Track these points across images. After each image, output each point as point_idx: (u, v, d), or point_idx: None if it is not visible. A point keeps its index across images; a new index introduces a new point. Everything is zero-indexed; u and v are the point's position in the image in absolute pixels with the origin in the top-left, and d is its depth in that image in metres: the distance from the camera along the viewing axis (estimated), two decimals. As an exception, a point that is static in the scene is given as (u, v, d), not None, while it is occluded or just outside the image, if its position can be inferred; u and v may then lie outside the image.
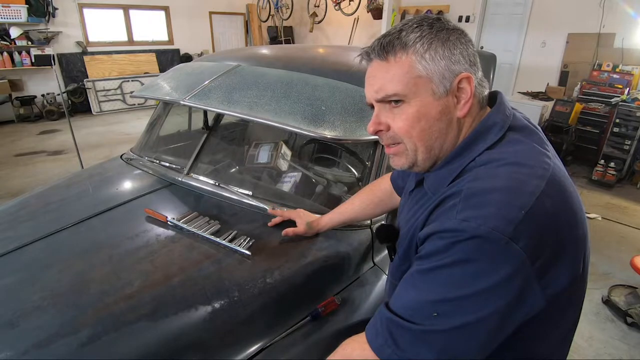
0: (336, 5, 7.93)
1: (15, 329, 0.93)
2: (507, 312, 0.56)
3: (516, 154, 0.61)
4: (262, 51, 2.10)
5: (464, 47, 0.64)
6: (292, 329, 1.04)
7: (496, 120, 0.65)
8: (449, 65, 0.63)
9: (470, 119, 0.67)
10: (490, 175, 0.59)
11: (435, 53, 0.62)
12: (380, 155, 1.40)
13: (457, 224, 0.55)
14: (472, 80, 0.63)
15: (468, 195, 0.58)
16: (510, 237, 0.53)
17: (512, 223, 0.53)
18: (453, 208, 0.58)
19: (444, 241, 0.57)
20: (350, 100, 1.42)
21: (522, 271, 0.54)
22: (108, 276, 1.09)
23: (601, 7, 4.85)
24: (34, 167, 4.75)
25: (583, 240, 0.61)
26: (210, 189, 1.50)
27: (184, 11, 8.62)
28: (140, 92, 1.92)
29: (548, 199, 0.55)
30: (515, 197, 0.55)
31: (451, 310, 0.56)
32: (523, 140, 0.64)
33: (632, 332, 2.30)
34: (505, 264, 0.53)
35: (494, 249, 0.53)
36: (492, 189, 0.57)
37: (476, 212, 0.55)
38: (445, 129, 0.66)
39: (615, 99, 4.54)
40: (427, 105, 0.64)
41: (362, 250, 1.29)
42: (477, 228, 0.53)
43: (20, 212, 1.47)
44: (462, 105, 0.65)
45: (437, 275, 0.58)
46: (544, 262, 0.55)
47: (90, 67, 7.54)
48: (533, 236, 0.54)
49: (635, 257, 2.39)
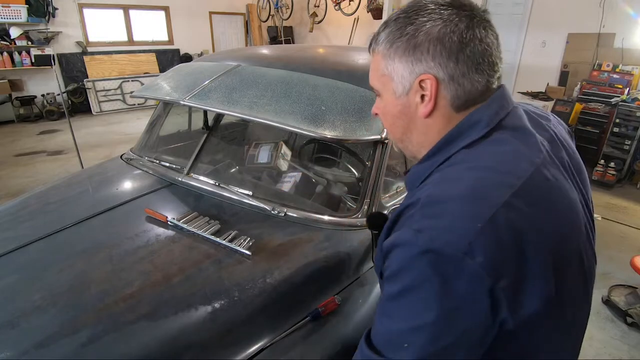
0: (336, 5, 7.93)
1: (15, 329, 0.93)
2: (475, 334, 0.51)
3: (492, 157, 0.56)
4: (262, 51, 2.10)
5: (438, 41, 0.57)
6: (292, 329, 1.04)
7: (482, 117, 0.59)
8: (409, 64, 0.59)
9: (440, 118, 0.61)
10: (454, 179, 0.56)
11: (395, 52, 0.60)
12: (380, 155, 1.40)
13: (412, 236, 0.51)
14: (432, 81, 0.58)
15: (425, 203, 0.54)
16: (464, 252, 0.48)
17: (467, 237, 0.48)
18: (411, 217, 0.54)
19: (400, 258, 0.53)
20: (350, 100, 1.42)
21: (482, 290, 0.48)
22: (108, 276, 1.09)
23: (601, 7, 4.85)
24: (34, 167, 4.75)
25: (565, 259, 0.55)
26: (210, 189, 1.50)
27: (184, 11, 8.61)
28: (140, 92, 1.92)
29: (513, 212, 0.50)
30: (473, 207, 0.50)
31: (418, 339, 0.51)
32: (508, 141, 0.58)
33: (632, 332, 2.30)
34: (462, 282, 0.48)
35: (450, 266, 0.48)
36: (449, 197, 0.53)
37: (431, 223, 0.51)
38: (407, 126, 0.64)
39: (615, 99, 4.53)
40: (390, 103, 0.64)
41: (362, 250, 1.29)
42: (430, 242, 0.49)
43: (20, 212, 1.47)
44: (423, 106, 0.60)
45: (398, 301, 0.53)
46: (510, 281, 0.49)
47: (90, 67, 7.53)
48: (492, 252, 0.48)
49: (635, 257, 2.39)
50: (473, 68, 0.57)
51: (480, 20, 0.58)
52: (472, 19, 0.57)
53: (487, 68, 0.58)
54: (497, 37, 0.60)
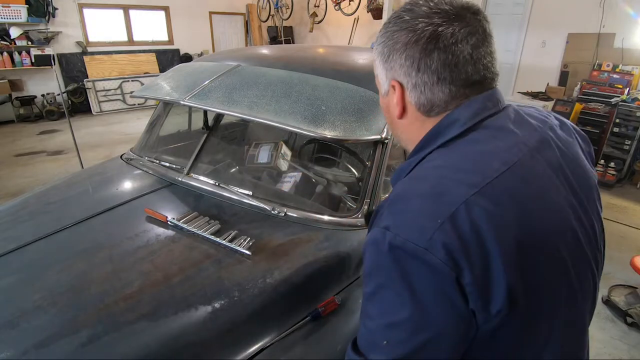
0: (336, 5, 7.92)
1: (15, 329, 0.93)
2: (452, 328, 0.52)
3: (462, 156, 0.58)
4: (262, 51, 2.10)
5: (403, 51, 0.60)
6: (292, 329, 1.04)
7: (459, 116, 0.60)
8: (385, 69, 0.64)
9: (413, 120, 0.65)
10: (419, 178, 0.58)
11: (378, 56, 0.65)
12: (380, 155, 1.40)
13: (379, 233, 0.53)
14: (397, 87, 0.63)
15: (392, 200, 0.56)
16: (425, 247, 0.49)
17: (427, 233, 0.49)
18: (381, 215, 0.56)
19: (371, 256, 0.55)
20: (350, 100, 1.42)
21: (448, 283, 0.49)
22: (108, 276, 1.09)
23: (601, 7, 4.85)
24: (34, 167, 4.75)
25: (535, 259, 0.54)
26: (210, 189, 1.50)
27: (184, 11, 8.61)
28: (140, 92, 1.92)
29: (475, 210, 0.50)
30: (434, 204, 0.52)
31: (395, 335, 0.52)
32: (485, 140, 0.59)
33: (632, 332, 2.30)
34: (427, 276, 0.50)
35: (414, 262, 0.50)
36: (413, 195, 0.55)
37: (395, 220, 0.53)
38: (391, 123, 0.70)
39: (615, 99, 4.53)
40: (380, 100, 0.71)
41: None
42: (394, 238, 0.51)
43: (20, 212, 1.47)
44: (395, 107, 0.65)
45: (373, 300, 0.55)
46: (474, 276, 0.49)
47: (90, 67, 7.53)
48: (452, 247, 0.49)
49: (635, 257, 2.39)
50: (435, 78, 0.59)
51: (457, 27, 0.57)
52: (441, 26, 0.57)
53: (452, 79, 0.58)
54: (478, 46, 0.58)
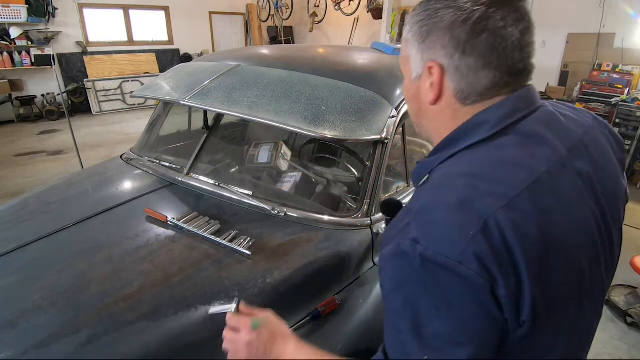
0: (336, 5, 7.93)
1: (15, 329, 0.93)
2: (487, 337, 0.51)
3: (490, 164, 0.55)
4: (262, 51, 2.10)
5: (447, 31, 0.56)
6: (292, 329, 1.04)
7: (489, 118, 0.57)
8: (421, 50, 0.60)
9: (445, 109, 0.61)
10: (447, 187, 0.55)
11: (413, 36, 0.62)
12: (380, 155, 1.40)
13: (408, 246, 0.51)
14: (437, 69, 0.59)
15: (419, 211, 0.54)
16: (458, 260, 0.48)
17: (460, 245, 0.48)
18: (408, 226, 0.53)
19: (396, 268, 0.54)
20: (350, 100, 1.42)
21: (483, 295, 0.48)
22: (108, 276, 1.09)
23: (601, 7, 4.85)
24: (34, 167, 4.75)
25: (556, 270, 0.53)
26: (210, 189, 1.50)
27: (184, 11, 8.62)
28: (140, 92, 1.92)
29: (505, 221, 0.49)
30: (464, 216, 0.50)
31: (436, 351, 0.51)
32: (512, 147, 0.56)
33: (632, 332, 2.30)
34: (461, 289, 0.49)
35: (447, 274, 0.49)
36: (441, 206, 0.52)
37: (424, 232, 0.51)
38: (419, 111, 0.66)
39: (615, 99, 4.53)
40: (407, 85, 0.67)
41: (362, 250, 1.29)
42: (425, 251, 0.49)
43: (20, 212, 1.47)
44: (429, 93, 0.61)
45: (402, 314, 0.54)
46: (507, 286, 0.49)
47: (90, 67, 7.54)
48: (485, 259, 0.48)
49: (635, 257, 2.39)
50: (480, 62, 0.56)
51: (506, 12, 0.55)
52: (491, 7, 0.54)
53: (498, 64, 0.56)
54: (525, 32, 0.57)
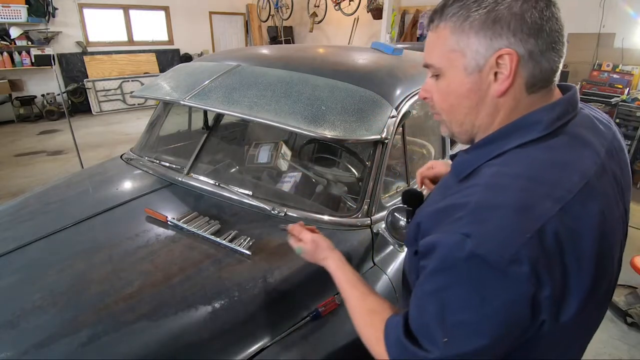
0: (336, 5, 7.93)
1: (15, 329, 0.93)
2: (510, 337, 0.53)
3: (544, 166, 0.56)
4: (262, 51, 2.10)
5: (519, 16, 0.55)
6: (292, 329, 1.04)
7: (542, 118, 0.58)
8: (486, 39, 0.57)
9: (510, 100, 0.59)
10: (501, 187, 0.55)
11: (470, 26, 0.57)
12: (380, 155, 1.40)
13: (460, 239, 0.52)
14: (513, 57, 0.56)
15: (474, 209, 0.54)
16: (510, 260, 0.49)
17: (514, 246, 0.49)
18: (460, 220, 0.54)
19: (443, 255, 0.54)
20: (350, 100, 1.42)
21: (525, 297, 0.50)
22: (108, 276, 1.09)
23: (601, 7, 4.85)
24: (34, 167, 4.75)
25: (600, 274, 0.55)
26: (211, 189, 1.50)
27: (184, 11, 8.61)
28: (140, 92, 1.92)
29: (560, 225, 0.51)
30: (521, 217, 0.51)
31: (455, 336, 0.53)
32: (563, 149, 0.57)
33: (632, 332, 2.30)
34: (505, 287, 0.50)
35: (494, 272, 0.50)
36: (499, 205, 0.52)
37: (478, 229, 0.52)
38: (475, 107, 0.62)
39: (615, 99, 4.53)
40: (457, 81, 0.61)
41: (362, 250, 1.29)
42: (477, 247, 0.50)
43: (20, 212, 1.47)
44: (498, 84, 0.58)
45: (438, 297, 0.55)
46: (552, 290, 0.50)
47: (90, 67, 7.53)
48: (537, 262, 0.49)
49: (635, 257, 2.39)
50: (551, 46, 0.57)
51: (554, 1, 0.58)
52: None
53: (561, 48, 0.58)
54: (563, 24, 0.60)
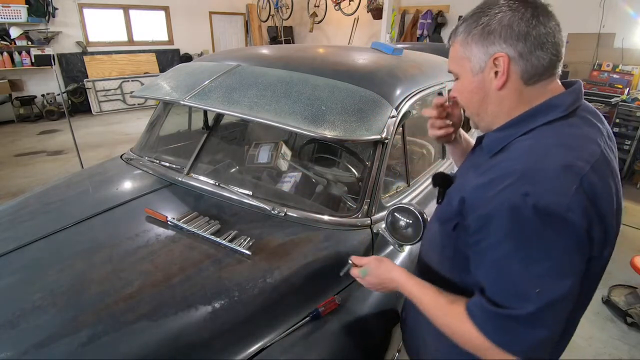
0: (336, 5, 7.93)
1: (15, 329, 0.93)
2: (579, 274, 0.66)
3: (570, 137, 0.71)
4: (262, 51, 2.10)
5: (508, 27, 0.72)
6: (292, 329, 1.04)
7: (562, 102, 0.74)
8: (484, 47, 0.74)
9: (511, 91, 0.75)
10: (542, 153, 0.68)
11: (472, 38, 0.75)
12: (380, 155, 1.40)
13: (519, 199, 0.64)
14: (505, 58, 0.72)
15: (524, 173, 0.66)
16: (567, 208, 0.62)
17: (567, 196, 0.62)
18: (512, 185, 0.66)
19: (508, 218, 0.65)
20: (350, 100, 1.42)
21: (584, 234, 0.64)
22: (108, 276, 1.09)
23: (601, 7, 4.85)
24: (34, 167, 4.75)
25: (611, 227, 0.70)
26: (211, 189, 1.50)
27: (184, 11, 8.62)
28: (140, 92, 1.92)
29: (593, 180, 0.65)
30: (567, 174, 0.64)
31: (545, 283, 0.64)
32: (581, 126, 0.73)
33: (632, 332, 2.31)
34: (569, 230, 0.63)
35: (558, 219, 0.62)
36: (546, 168, 0.65)
37: (534, 188, 0.64)
38: (483, 99, 0.78)
39: (615, 99, 4.53)
40: (467, 81, 0.79)
41: (362, 250, 1.29)
42: (538, 201, 0.62)
43: (20, 212, 1.47)
44: (497, 80, 0.74)
45: (514, 256, 0.66)
46: (596, 229, 0.65)
47: (90, 67, 7.53)
48: (584, 207, 0.63)
49: (635, 257, 2.39)
50: (539, 47, 0.71)
51: (543, 11, 0.72)
52: (535, 9, 0.72)
53: (551, 47, 0.72)
54: (558, 24, 0.74)
